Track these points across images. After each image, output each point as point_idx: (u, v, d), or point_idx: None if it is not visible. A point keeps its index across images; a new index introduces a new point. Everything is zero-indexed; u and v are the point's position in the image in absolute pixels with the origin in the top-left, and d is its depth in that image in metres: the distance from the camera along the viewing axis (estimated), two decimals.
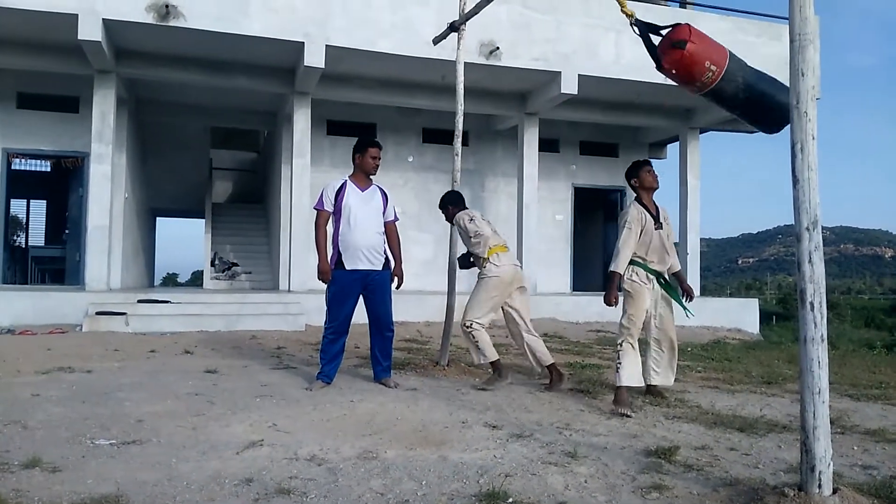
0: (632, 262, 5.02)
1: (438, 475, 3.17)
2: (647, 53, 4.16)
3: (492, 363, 5.70)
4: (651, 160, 5.54)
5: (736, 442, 3.95)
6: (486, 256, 5.62)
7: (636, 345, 4.96)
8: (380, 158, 5.44)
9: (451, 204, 6.07)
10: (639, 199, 5.16)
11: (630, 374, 4.85)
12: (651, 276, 5.09)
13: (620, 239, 4.98)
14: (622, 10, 4.36)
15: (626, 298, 5.04)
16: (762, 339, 12.32)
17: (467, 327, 5.63)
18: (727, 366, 7.52)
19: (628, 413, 4.54)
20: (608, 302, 4.93)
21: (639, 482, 3.14)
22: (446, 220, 6.18)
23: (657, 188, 5.23)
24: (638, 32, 4.21)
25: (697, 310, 12.49)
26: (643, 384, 5.12)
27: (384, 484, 3.04)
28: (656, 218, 5.09)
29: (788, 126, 2.92)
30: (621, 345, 4.93)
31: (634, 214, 5.00)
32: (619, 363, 4.85)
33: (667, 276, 5.24)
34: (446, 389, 5.37)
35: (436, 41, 7.07)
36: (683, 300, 5.29)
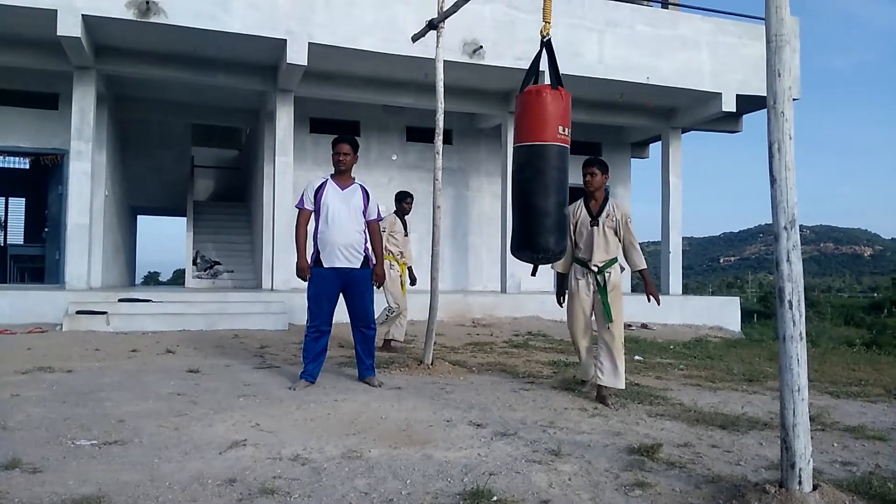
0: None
1: (423, 474, 3.17)
2: (531, 66, 4.55)
3: None
4: (601, 160, 5.32)
5: (718, 439, 3.99)
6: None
7: (574, 340, 5.37)
8: (349, 154, 5.35)
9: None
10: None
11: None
12: (585, 272, 5.18)
13: None
14: (544, 21, 4.52)
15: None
16: (744, 337, 12.44)
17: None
18: (709, 364, 7.58)
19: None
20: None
21: (622, 480, 3.17)
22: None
23: (589, 191, 5.23)
24: (541, 49, 4.44)
25: (680, 308, 12.73)
26: (589, 379, 5.36)
27: (368, 483, 3.03)
28: (594, 215, 5.18)
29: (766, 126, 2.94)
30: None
31: (571, 209, 5.21)
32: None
33: (601, 277, 5.12)
34: (431, 388, 5.37)
35: (415, 38, 7.05)
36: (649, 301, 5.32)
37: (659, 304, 5.35)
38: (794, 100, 2.99)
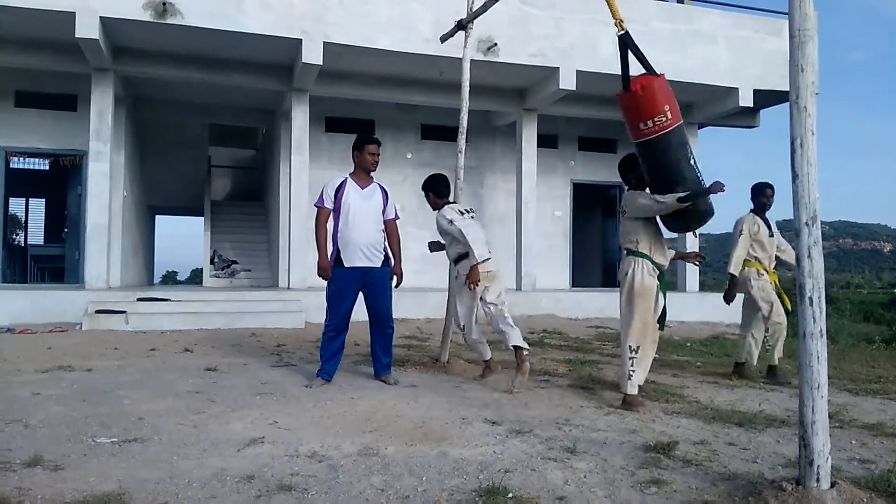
0: (639, 255, 4.83)
1: (438, 471, 3.18)
2: (620, 70, 4.39)
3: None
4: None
5: (735, 437, 3.97)
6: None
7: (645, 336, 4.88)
8: (378, 155, 5.44)
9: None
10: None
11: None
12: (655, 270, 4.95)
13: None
14: (614, 18, 4.42)
15: (639, 297, 4.76)
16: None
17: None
18: (726, 361, 7.52)
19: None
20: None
21: (638, 477, 3.16)
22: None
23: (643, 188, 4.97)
24: (621, 44, 4.40)
25: (697, 305, 12.64)
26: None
27: (384, 480, 3.05)
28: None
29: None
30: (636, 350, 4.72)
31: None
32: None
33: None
34: (446, 386, 5.39)
35: (443, 39, 7.04)
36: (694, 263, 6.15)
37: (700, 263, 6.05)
38: (814, 95, 2.96)
